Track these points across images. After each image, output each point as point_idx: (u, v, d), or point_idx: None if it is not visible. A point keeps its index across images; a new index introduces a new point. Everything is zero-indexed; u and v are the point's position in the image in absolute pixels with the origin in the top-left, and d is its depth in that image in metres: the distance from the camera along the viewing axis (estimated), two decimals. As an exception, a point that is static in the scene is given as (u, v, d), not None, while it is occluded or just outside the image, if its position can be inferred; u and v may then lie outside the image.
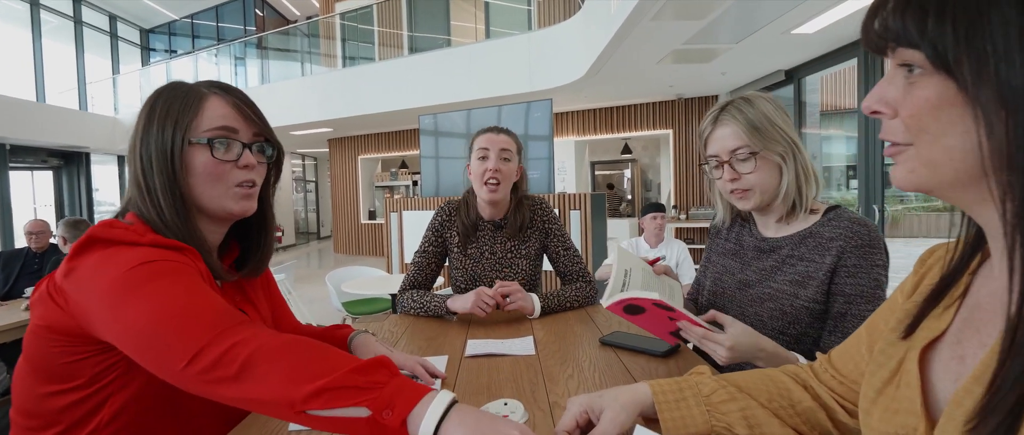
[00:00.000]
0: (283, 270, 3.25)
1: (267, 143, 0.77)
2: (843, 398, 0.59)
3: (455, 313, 1.25)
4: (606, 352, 0.98)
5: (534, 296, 1.27)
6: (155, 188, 0.68)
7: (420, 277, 1.41)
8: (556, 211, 1.41)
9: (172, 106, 0.69)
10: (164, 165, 0.68)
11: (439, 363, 0.92)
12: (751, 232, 1.02)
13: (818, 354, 0.65)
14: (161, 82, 0.75)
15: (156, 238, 0.64)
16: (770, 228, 0.99)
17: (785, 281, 0.92)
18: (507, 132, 1.38)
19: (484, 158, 1.34)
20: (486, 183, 1.33)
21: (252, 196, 0.76)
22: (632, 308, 0.81)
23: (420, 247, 1.42)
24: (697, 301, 1.14)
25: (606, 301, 0.80)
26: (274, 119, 5.85)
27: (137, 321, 0.55)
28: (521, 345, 1.03)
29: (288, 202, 11.79)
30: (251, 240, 0.83)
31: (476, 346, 1.03)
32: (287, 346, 0.55)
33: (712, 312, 0.83)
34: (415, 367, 0.82)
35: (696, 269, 3.14)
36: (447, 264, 1.48)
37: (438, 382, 0.83)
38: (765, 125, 0.88)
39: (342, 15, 8.50)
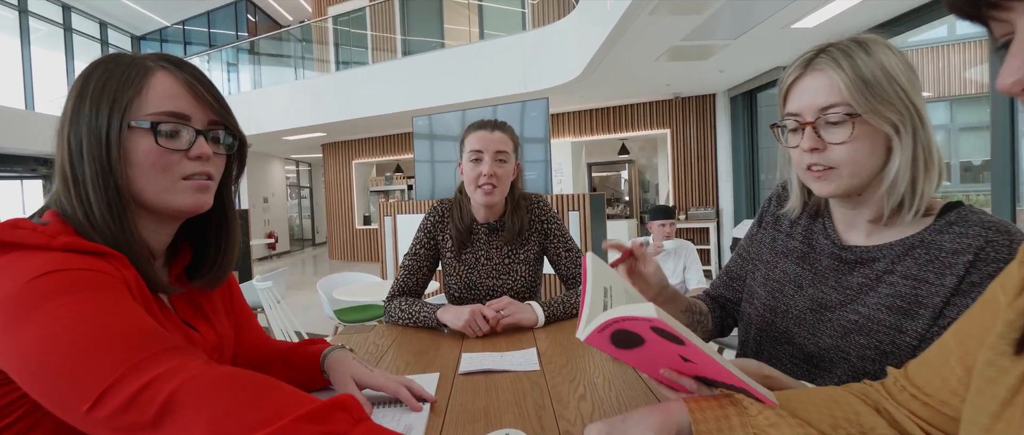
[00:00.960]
0: (271, 277, 3.12)
1: (226, 131, 0.65)
2: (928, 423, 0.47)
3: (446, 326, 1.13)
4: (622, 367, 0.86)
5: (533, 304, 1.15)
6: (84, 180, 0.55)
7: (410, 283, 1.28)
8: (555, 209, 1.28)
9: (109, 82, 0.57)
10: (97, 152, 0.55)
11: (429, 383, 0.80)
12: (826, 232, 0.76)
13: (890, 369, 0.53)
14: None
15: (71, 241, 0.52)
16: (857, 231, 0.73)
17: (880, 306, 0.67)
18: (502, 127, 1.26)
19: (478, 161, 1.22)
20: (481, 187, 1.21)
21: (207, 189, 0.63)
22: (624, 337, 0.53)
23: (410, 250, 1.30)
24: (732, 310, 0.92)
25: (582, 331, 0.54)
26: (267, 124, 5.69)
27: (32, 348, 0.43)
28: (523, 359, 0.91)
29: (282, 209, 11.66)
30: (208, 244, 0.71)
31: (471, 361, 0.91)
32: (223, 382, 0.43)
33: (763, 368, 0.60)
34: (398, 390, 0.70)
35: (703, 273, 3.01)
36: (440, 269, 1.36)
37: (427, 407, 0.71)
38: (879, 80, 0.62)
39: (335, 18, 8.39)
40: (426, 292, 1.36)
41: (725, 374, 0.53)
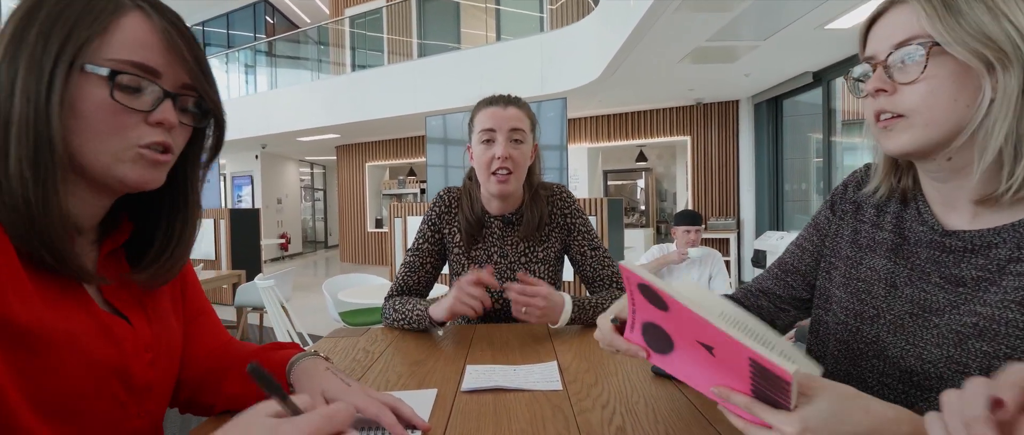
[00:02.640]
0: (276, 277, 3.00)
1: (200, 100, 0.53)
2: None
3: (441, 324, 0.96)
4: (666, 387, 0.69)
5: (565, 295, 0.97)
6: (7, 121, 0.43)
7: (411, 281, 1.12)
8: (579, 201, 1.11)
9: (67, 11, 0.45)
10: (33, 90, 0.43)
11: (423, 402, 0.63)
12: (921, 217, 0.62)
13: None
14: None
15: None
16: (959, 213, 0.58)
17: (1008, 304, 0.52)
18: (517, 103, 1.09)
19: (489, 142, 1.05)
20: (494, 174, 1.04)
21: (161, 164, 0.50)
22: (654, 335, 0.46)
23: (413, 244, 1.14)
24: (774, 310, 0.78)
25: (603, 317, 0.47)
26: (282, 124, 5.67)
27: None
28: (541, 375, 0.74)
29: (296, 210, 11.66)
30: (156, 231, 0.56)
31: (478, 376, 0.74)
32: None
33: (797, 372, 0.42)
34: (381, 413, 0.53)
35: (729, 285, 2.75)
36: (447, 270, 1.20)
37: (417, 436, 0.55)
38: (973, 6, 0.51)
39: (351, 20, 8.38)
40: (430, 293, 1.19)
41: (733, 346, 0.38)
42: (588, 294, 1.11)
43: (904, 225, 0.63)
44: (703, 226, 6.40)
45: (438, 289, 2.96)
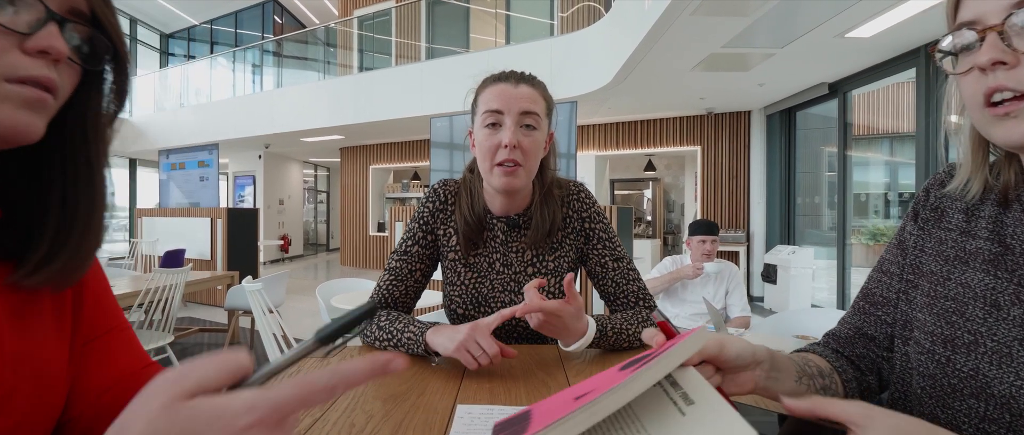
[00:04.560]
0: (266, 280, 2.86)
1: (96, 32, 0.39)
2: None
3: (438, 355, 0.80)
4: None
5: (589, 318, 0.81)
6: None
7: (396, 291, 0.94)
8: (599, 203, 0.95)
9: None
10: None
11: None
12: None
13: None
14: (177, 84, 0.38)
15: None
16: None
17: None
18: (531, 81, 0.91)
19: (495, 125, 0.87)
20: (499, 165, 0.87)
21: (42, 105, 0.36)
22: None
23: (400, 246, 0.96)
24: (878, 358, 0.62)
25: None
26: (286, 124, 5.57)
27: None
28: (552, 420, 0.58)
29: (298, 212, 11.55)
30: (45, 214, 0.41)
31: (470, 421, 0.58)
32: None
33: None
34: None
35: (748, 301, 2.56)
36: (440, 277, 1.04)
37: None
38: None
39: (360, 21, 8.31)
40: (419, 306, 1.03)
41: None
42: (609, 312, 0.94)
43: (1005, 231, 0.51)
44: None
45: (429, 297, 2.80)
